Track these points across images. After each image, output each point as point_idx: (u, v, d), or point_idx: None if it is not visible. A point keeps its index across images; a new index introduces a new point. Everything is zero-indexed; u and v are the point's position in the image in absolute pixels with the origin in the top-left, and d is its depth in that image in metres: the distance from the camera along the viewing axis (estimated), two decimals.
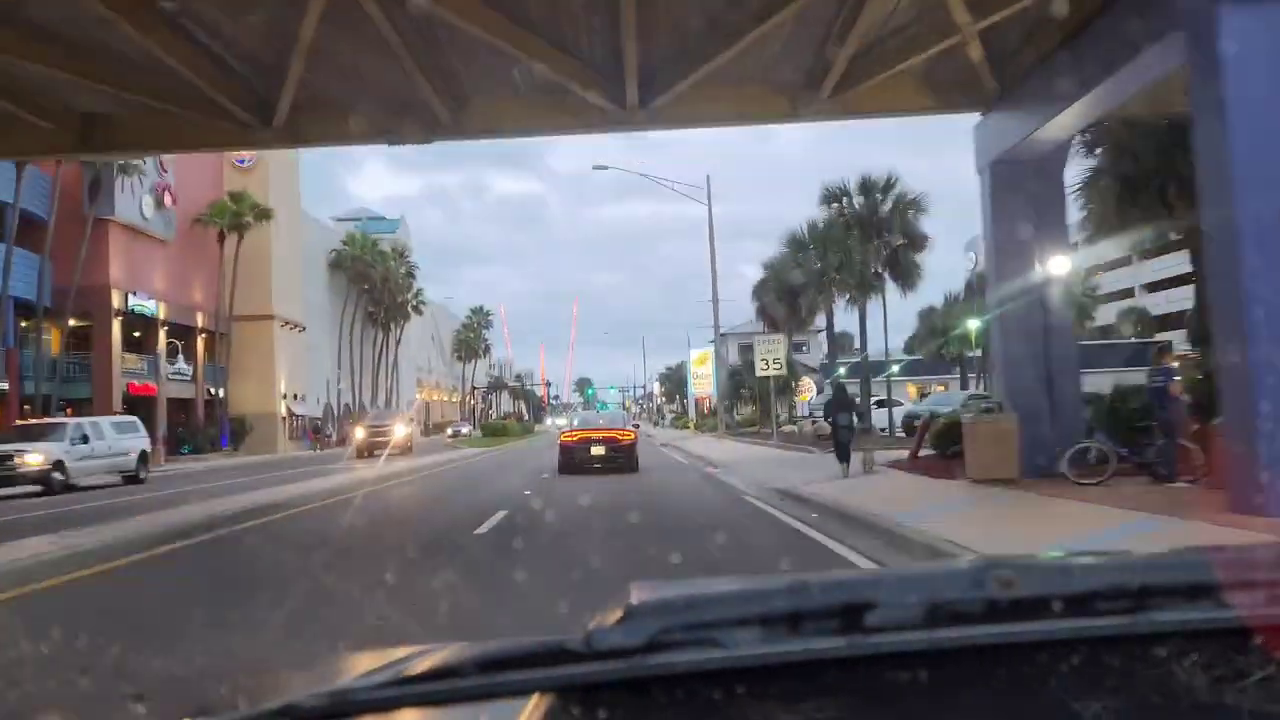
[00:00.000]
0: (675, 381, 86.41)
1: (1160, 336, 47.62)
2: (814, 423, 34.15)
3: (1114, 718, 0.78)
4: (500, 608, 6.12)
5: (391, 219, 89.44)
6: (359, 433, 34.53)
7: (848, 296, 24.25)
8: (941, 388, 57.26)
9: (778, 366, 26.89)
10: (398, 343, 79.32)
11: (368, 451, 31.98)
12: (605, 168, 42.09)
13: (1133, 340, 56.48)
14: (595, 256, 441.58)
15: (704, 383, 66.41)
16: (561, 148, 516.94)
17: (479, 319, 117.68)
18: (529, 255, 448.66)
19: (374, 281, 68.78)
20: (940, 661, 0.81)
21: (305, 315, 58.96)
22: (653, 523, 11.55)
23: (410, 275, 77.76)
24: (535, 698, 0.83)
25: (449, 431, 66.16)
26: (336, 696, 0.85)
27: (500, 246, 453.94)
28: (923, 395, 49.55)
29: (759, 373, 27.19)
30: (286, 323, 55.01)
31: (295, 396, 55.89)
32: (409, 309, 78.04)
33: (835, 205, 24.90)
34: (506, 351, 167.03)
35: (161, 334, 44.57)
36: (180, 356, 41.31)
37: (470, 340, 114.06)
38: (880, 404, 35.13)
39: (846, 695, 0.82)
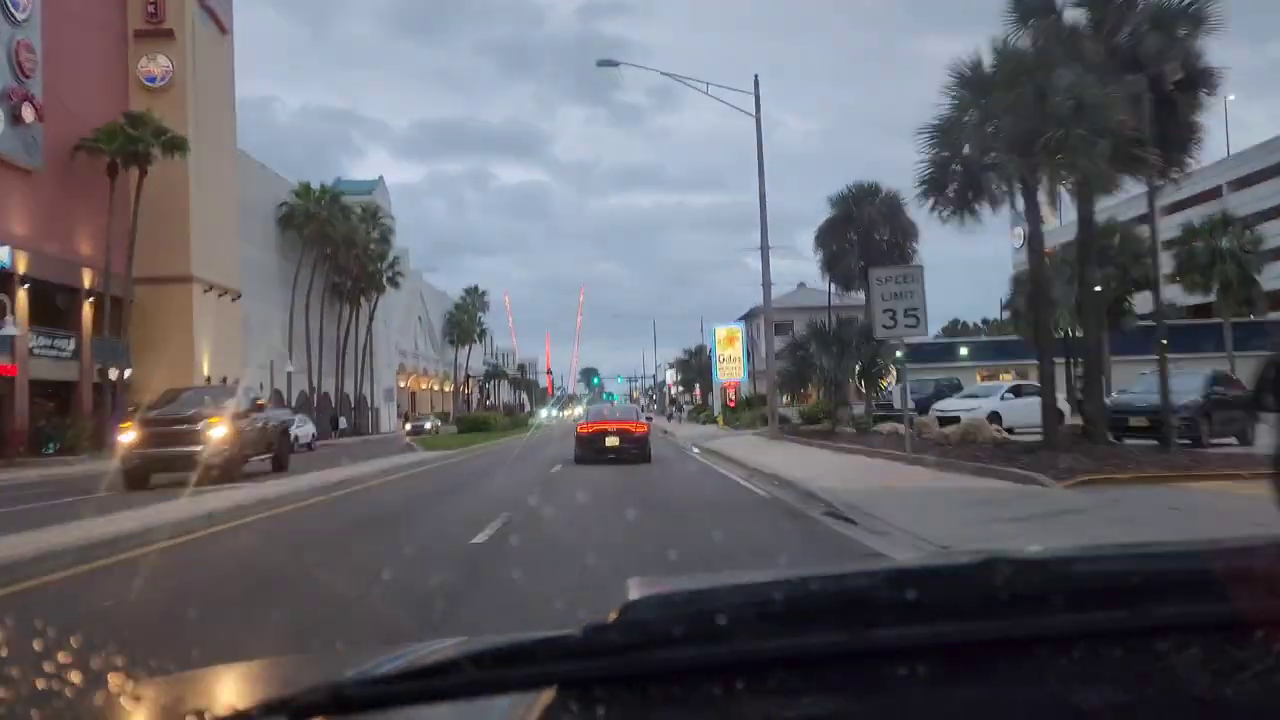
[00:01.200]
0: (694, 369, 74.68)
1: None
2: (953, 420, 22.75)
3: (1114, 711, 0.78)
4: None
5: (367, 179, 78.15)
6: (125, 435, 17.10)
7: (1072, 182, 12.71)
8: (1007, 375, 45.62)
9: (912, 321, 15.47)
10: (371, 319, 68.00)
11: (162, 468, 16.12)
12: (615, 64, 30.70)
13: None
14: (599, 248, 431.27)
15: (733, 367, 55.01)
16: (564, 137, 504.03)
17: (474, 300, 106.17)
18: (532, 246, 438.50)
19: (335, 244, 57.38)
20: (940, 656, 0.80)
21: (244, 280, 47.73)
22: None
23: (385, 240, 66.39)
24: (534, 693, 0.82)
25: (407, 427, 53.97)
26: (335, 691, 0.84)
27: (504, 237, 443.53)
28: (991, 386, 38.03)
29: (880, 332, 15.78)
30: (212, 287, 43.72)
31: (225, 380, 44.60)
32: (383, 280, 66.68)
33: (1039, 21, 13.17)
34: (511, 341, 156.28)
35: (20, 294, 33.33)
36: (10, 319, 30.04)
37: (464, 323, 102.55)
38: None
39: (846, 690, 0.81)
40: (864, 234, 29.64)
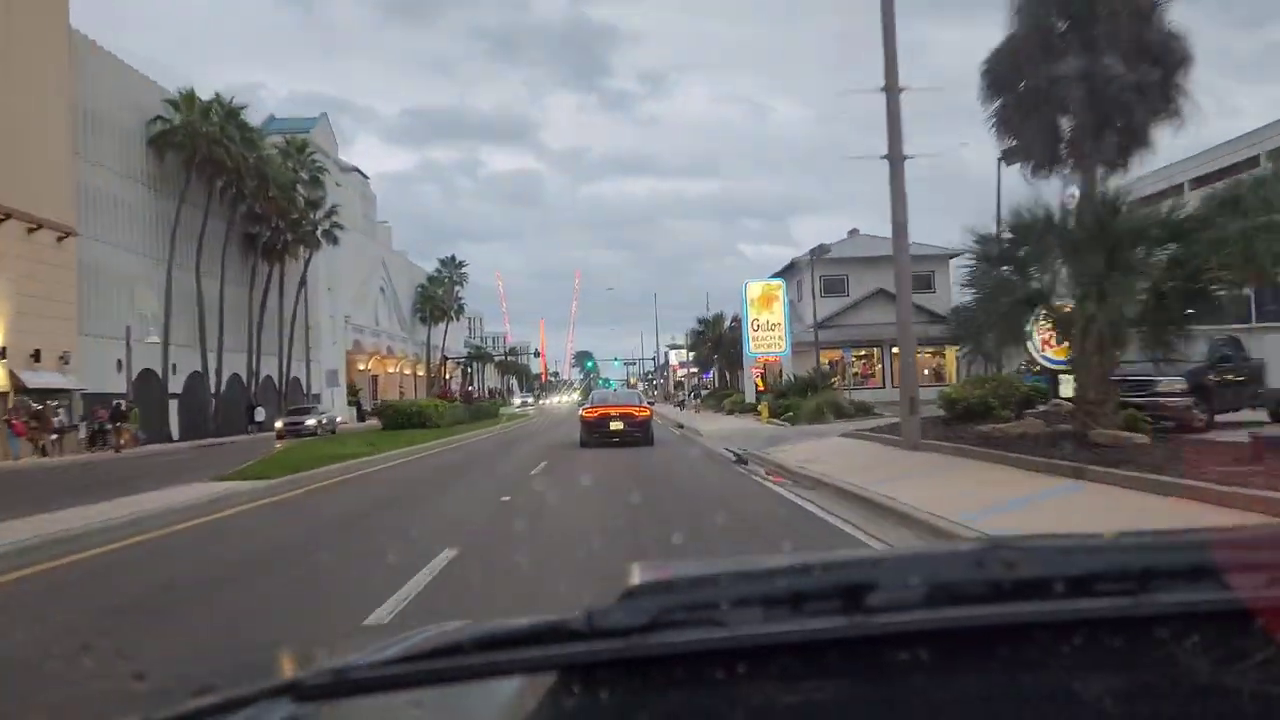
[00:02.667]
0: (709, 342, 60.39)
1: None
2: None
3: (1115, 699, 0.79)
4: None
5: (308, 117, 64.05)
6: None
7: None
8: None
9: None
10: (303, 283, 53.97)
11: None
12: None
13: None
14: (594, 235, 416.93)
15: (771, 337, 41.10)
16: (556, 124, 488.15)
17: (450, 272, 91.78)
18: (526, 233, 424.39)
19: (240, 179, 43.13)
20: (942, 642, 0.81)
21: (93, 217, 33.79)
22: None
23: (318, 183, 52.28)
24: (537, 676, 0.83)
25: (278, 425, 39.41)
26: (339, 674, 0.85)
27: (497, 224, 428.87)
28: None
29: None
30: (10, 215, 29.64)
31: (37, 356, 30.62)
32: (318, 234, 52.65)
33: None
34: (504, 325, 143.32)
35: None
36: None
37: (437, 297, 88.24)
38: None
39: (847, 675, 0.83)
40: (1086, 57, 15.49)
